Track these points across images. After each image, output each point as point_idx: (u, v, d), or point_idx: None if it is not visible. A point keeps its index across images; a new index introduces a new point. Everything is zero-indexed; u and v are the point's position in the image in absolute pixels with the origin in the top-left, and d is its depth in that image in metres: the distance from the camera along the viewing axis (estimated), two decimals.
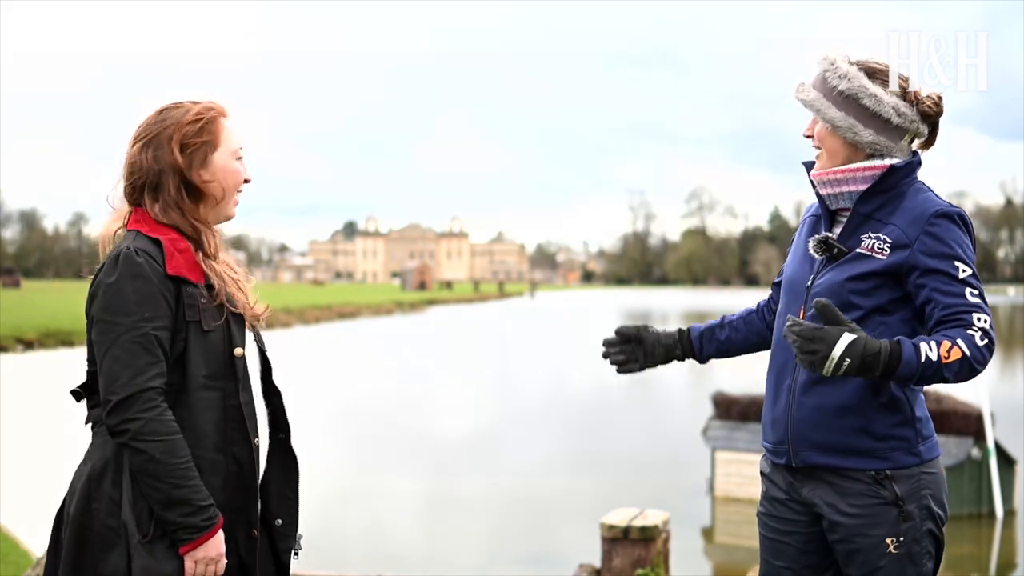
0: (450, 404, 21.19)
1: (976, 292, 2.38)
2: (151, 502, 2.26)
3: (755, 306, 2.93)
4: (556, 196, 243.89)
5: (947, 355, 2.29)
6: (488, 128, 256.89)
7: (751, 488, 11.25)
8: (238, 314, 2.43)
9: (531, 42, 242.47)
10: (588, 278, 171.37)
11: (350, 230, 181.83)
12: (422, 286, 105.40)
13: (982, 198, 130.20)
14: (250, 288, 2.53)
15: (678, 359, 2.91)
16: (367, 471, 14.42)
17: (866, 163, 2.52)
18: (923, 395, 2.58)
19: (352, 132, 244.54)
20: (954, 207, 2.46)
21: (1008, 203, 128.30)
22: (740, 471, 11.87)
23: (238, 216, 2.56)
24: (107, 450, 2.32)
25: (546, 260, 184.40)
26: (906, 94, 2.51)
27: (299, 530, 2.57)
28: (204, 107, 2.45)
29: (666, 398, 20.92)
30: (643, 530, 4.98)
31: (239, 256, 2.63)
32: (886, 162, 2.51)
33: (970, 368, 2.31)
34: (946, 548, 2.56)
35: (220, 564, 2.32)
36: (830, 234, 2.55)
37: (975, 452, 11.11)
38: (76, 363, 2.39)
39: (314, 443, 14.05)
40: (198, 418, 2.33)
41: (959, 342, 2.31)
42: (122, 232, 2.44)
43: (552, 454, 15.62)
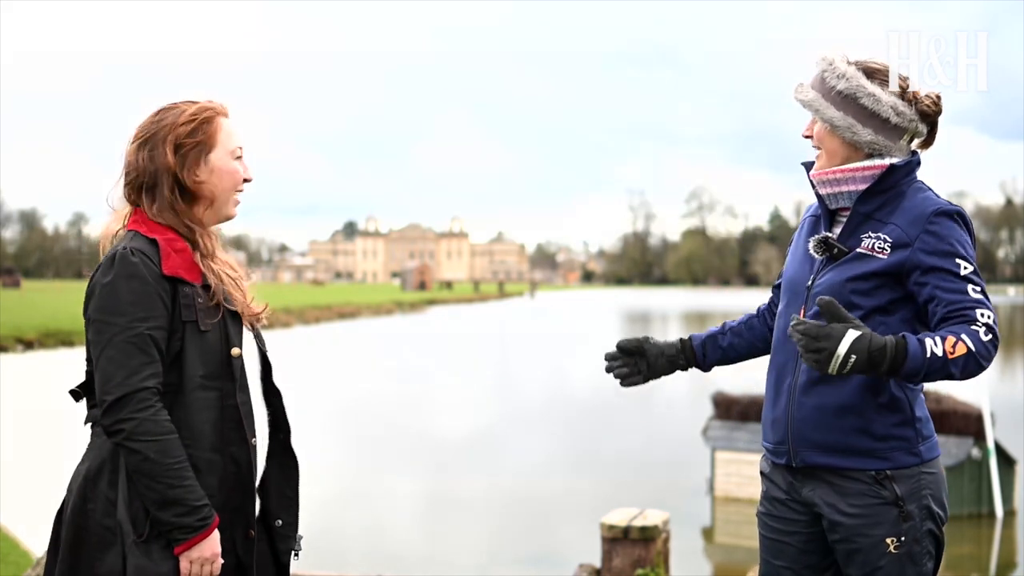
0: (450, 404, 21.19)
1: (978, 289, 2.38)
2: (146, 502, 2.26)
3: (756, 310, 2.92)
4: (556, 196, 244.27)
5: (952, 350, 2.29)
6: (488, 128, 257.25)
7: (751, 488, 11.25)
8: (236, 314, 2.42)
9: (531, 42, 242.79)
10: (588, 278, 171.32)
11: (350, 230, 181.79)
12: (422, 286, 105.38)
13: (982, 198, 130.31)
14: (248, 287, 2.52)
15: (681, 369, 2.89)
16: (367, 471, 14.42)
17: (865, 163, 2.52)
18: (923, 395, 2.58)
19: (352, 132, 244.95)
20: (954, 205, 2.46)
21: (1008, 203, 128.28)
22: (740, 471, 11.87)
23: (238, 216, 2.55)
24: (104, 450, 2.32)
25: (546, 260, 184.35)
26: (904, 93, 2.51)
27: (299, 530, 2.56)
28: (200, 107, 2.45)
29: (666, 398, 20.89)
30: (643, 530, 4.98)
31: (239, 256, 2.62)
32: (885, 161, 2.51)
33: (976, 364, 2.31)
34: (946, 548, 2.56)
35: (216, 564, 2.31)
36: (830, 234, 2.55)
37: (975, 452, 11.11)
38: (76, 363, 2.39)
39: (314, 443, 14.04)
40: (195, 418, 2.33)
41: (963, 337, 2.30)
42: (122, 232, 2.44)
43: (552, 454, 15.62)
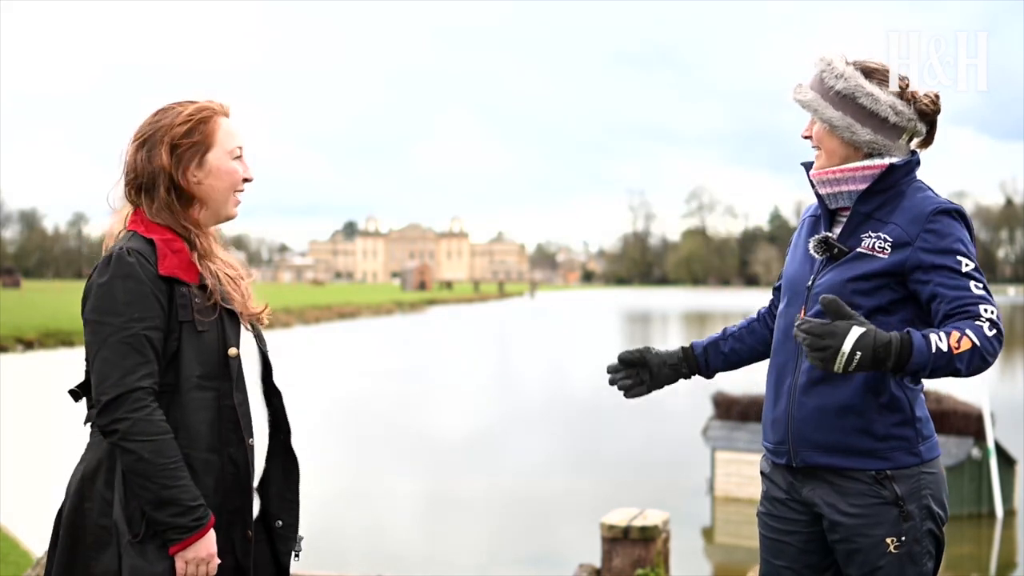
0: (450, 404, 21.18)
1: (981, 285, 2.38)
2: (141, 502, 2.26)
3: (756, 314, 2.91)
4: (556, 196, 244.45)
5: (957, 345, 2.28)
6: (488, 128, 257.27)
7: (751, 488, 11.25)
8: (233, 314, 2.42)
9: (531, 42, 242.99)
10: (588, 278, 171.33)
11: (350, 230, 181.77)
12: (422, 286, 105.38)
13: (982, 198, 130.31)
14: (247, 287, 2.50)
15: (685, 377, 2.88)
16: (367, 471, 14.42)
17: (865, 162, 2.52)
18: (923, 395, 2.58)
19: (352, 132, 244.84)
20: (953, 204, 2.46)
21: (1008, 203, 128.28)
22: (740, 471, 11.87)
23: (238, 216, 2.55)
24: (101, 450, 2.32)
25: (546, 260, 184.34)
26: (903, 93, 2.51)
27: (299, 531, 2.56)
28: (197, 108, 2.44)
29: (666, 398, 20.90)
30: (643, 530, 4.98)
31: (239, 256, 2.61)
32: (885, 161, 2.51)
33: (981, 359, 2.30)
34: (946, 548, 2.56)
35: (212, 564, 2.30)
36: (830, 234, 2.55)
37: (975, 452, 11.11)
38: (76, 363, 2.39)
39: (314, 443, 14.05)
40: (192, 418, 2.32)
41: (968, 332, 2.29)
42: (123, 232, 2.44)
43: (552, 454, 15.61)
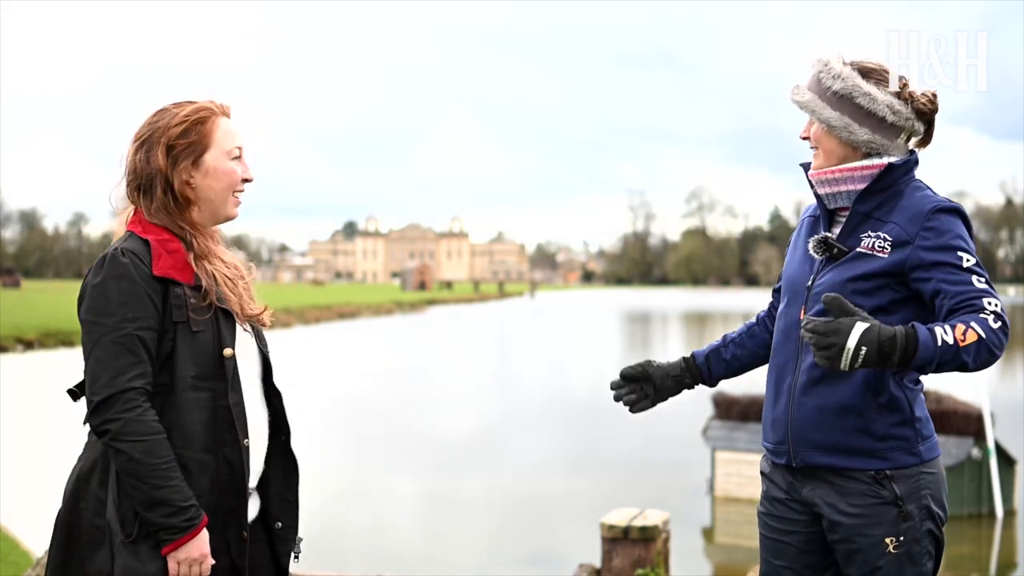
0: (450, 404, 21.18)
1: (983, 279, 2.38)
2: (134, 502, 2.26)
3: (755, 318, 2.90)
4: (556, 196, 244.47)
5: (963, 338, 2.27)
6: (488, 128, 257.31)
7: (751, 488, 11.25)
8: (229, 314, 2.41)
9: (531, 42, 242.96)
10: (588, 278, 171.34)
11: (350, 230, 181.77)
12: (422, 286, 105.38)
13: (982, 198, 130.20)
14: (245, 287, 2.49)
15: (688, 387, 2.88)
16: (367, 471, 14.41)
17: (864, 162, 2.52)
18: (923, 395, 2.58)
19: (352, 132, 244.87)
20: (952, 202, 2.46)
21: (1008, 203, 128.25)
22: (740, 471, 11.87)
23: (238, 216, 2.54)
24: (96, 450, 2.33)
25: (546, 260, 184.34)
26: (901, 92, 2.51)
27: (299, 532, 2.55)
28: (194, 108, 2.44)
29: None
30: (643, 530, 4.98)
31: (240, 255, 2.61)
32: (883, 160, 2.51)
33: (988, 351, 2.29)
34: (946, 548, 2.56)
35: (204, 565, 2.30)
36: (829, 234, 2.55)
37: (975, 452, 11.11)
38: (76, 363, 2.39)
39: (314, 443, 14.06)
40: (186, 418, 2.32)
41: (973, 325, 2.29)
42: (123, 232, 2.44)
43: (552, 454, 15.61)
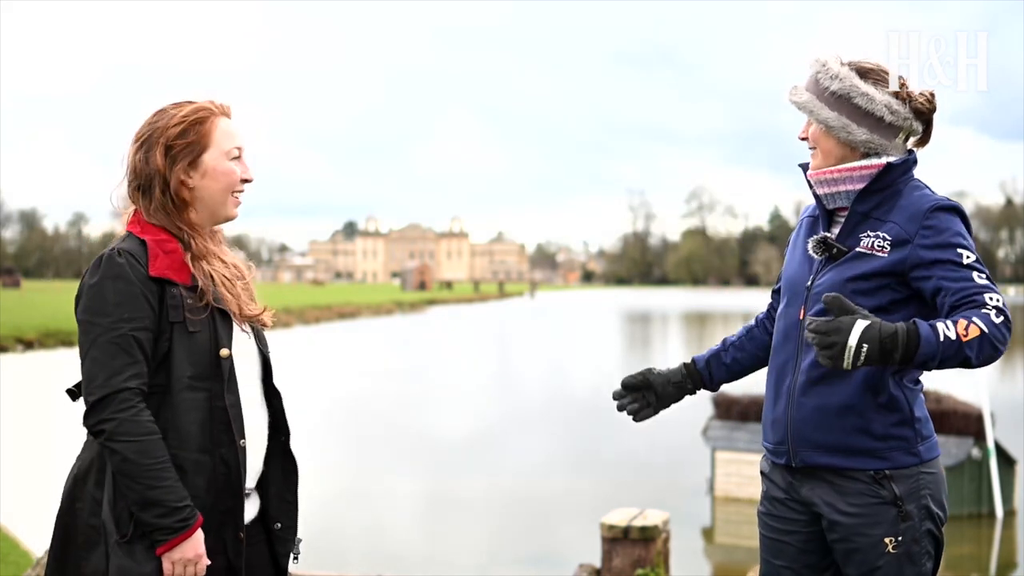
0: (450, 404, 21.18)
1: (983, 275, 2.37)
2: (129, 502, 2.26)
3: (754, 320, 2.90)
4: (556, 196, 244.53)
5: (965, 333, 2.26)
6: (488, 128, 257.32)
7: (751, 488, 11.25)
8: (226, 315, 2.41)
9: (531, 42, 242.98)
10: (588, 278, 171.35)
11: (350, 230, 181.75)
12: (422, 286, 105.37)
13: (982, 198, 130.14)
14: (243, 288, 2.48)
15: (690, 393, 2.88)
16: (367, 471, 14.41)
17: (862, 162, 2.52)
18: (922, 395, 2.58)
19: (352, 132, 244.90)
20: (950, 200, 2.46)
21: (1008, 203, 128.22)
22: (740, 471, 11.87)
23: (238, 216, 2.54)
24: (92, 450, 2.33)
25: (546, 260, 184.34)
26: (899, 92, 2.51)
27: (299, 533, 2.55)
28: (193, 109, 2.43)
29: None
30: (643, 530, 4.98)
31: (240, 255, 2.61)
32: (882, 160, 2.51)
33: (991, 346, 2.28)
34: (946, 548, 2.56)
35: (199, 565, 2.29)
36: (829, 234, 2.55)
37: (975, 452, 11.11)
38: (76, 363, 2.39)
39: (314, 443, 14.06)
40: (182, 419, 2.32)
41: (975, 320, 2.28)
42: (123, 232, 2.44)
43: (552, 454, 15.61)
